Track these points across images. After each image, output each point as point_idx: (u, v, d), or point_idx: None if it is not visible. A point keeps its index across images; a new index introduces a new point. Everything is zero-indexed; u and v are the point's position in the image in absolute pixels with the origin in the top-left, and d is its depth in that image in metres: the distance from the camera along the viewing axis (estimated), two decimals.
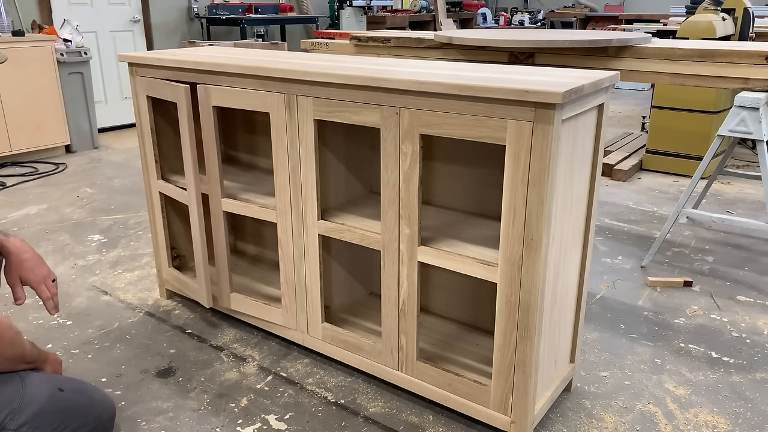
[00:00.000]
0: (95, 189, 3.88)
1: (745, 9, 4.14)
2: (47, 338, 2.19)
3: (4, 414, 1.35)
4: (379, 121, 1.59)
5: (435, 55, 2.80)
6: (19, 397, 1.39)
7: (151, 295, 2.51)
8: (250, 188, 2.15)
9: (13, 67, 4.24)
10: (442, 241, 1.68)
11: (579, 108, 1.45)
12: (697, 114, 4.02)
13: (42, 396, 1.43)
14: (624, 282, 2.63)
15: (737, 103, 2.44)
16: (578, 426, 1.75)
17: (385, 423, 1.76)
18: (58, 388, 1.48)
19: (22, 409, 1.38)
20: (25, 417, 1.38)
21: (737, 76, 2.21)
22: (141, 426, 1.75)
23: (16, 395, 1.39)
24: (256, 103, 1.84)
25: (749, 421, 1.78)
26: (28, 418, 1.38)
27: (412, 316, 1.70)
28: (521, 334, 1.51)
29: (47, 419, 1.41)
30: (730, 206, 3.57)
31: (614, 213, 3.45)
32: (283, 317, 2.04)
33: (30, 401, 1.40)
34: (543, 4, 10.09)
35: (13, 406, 1.37)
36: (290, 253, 1.93)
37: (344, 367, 2.01)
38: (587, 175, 1.64)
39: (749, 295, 2.52)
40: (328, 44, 3.22)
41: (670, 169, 4.21)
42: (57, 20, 5.00)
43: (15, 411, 1.37)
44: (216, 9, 6.14)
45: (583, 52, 2.46)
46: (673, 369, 2.02)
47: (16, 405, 1.38)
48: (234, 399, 1.87)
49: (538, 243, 1.41)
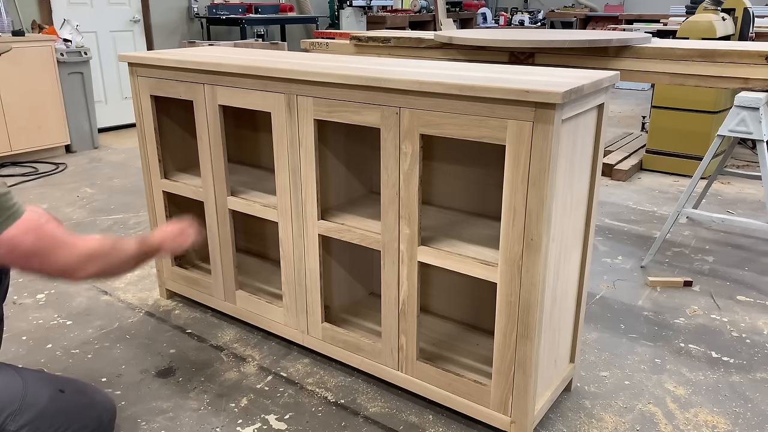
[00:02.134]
0: (95, 189, 3.88)
1: (745, 9, 4.14)
2: (47, 338, 2.20)
3: (5, 415, 1.35)
4: (379, 121, 1.59)
5: (435, 55, 2.80)
6: (19, 398, 1.39)
7: (151, 295, 2.51)
8: (249, 187, 2.16)
9: (13, 67, 4.24)
10: (442, 241, 1.68)
11: (579, 108, 1.45)
12: (697, 114, 4.02)
13: (43, 397, 1.42)
14: (624, 282, 2.63)
15: (737, 103, 2.44)
16: (578, 426, 1.75)
17: (385, 423, 1.76)
18: (59, 389, 1.48)
19: (23, 411, 1.38)
20: (25, 418, 1.37)
21: (737, 76, 2.21)
22: (141, 426, 1.75)
23: (16, 396, 1.39)
24: (257, 102, 1.84)
25: (749, 421, 1.78)
26: (28, 419, 1.38)
27: (412, 316, 1.70)
28: (521, 334, 1.51)
29: (48, 420, 1.40)
30: (730, 206, 3.57)
31: (614, 213, 3.45)
32: (284, 316, 2.04)
33: (31, 402, 1.40)
34: (543, 4, 10.09)
35: (13, 407, 1.37)
36: (290, 252, 1.93)
37: (344, 367, 2.02)
38: (587, 175, 1.64)
39: (749, 295, 2.52)
40: (328, 44, 3.22)
41: (670, 169, 4.21)
42: (57, 20, 4.99)
43: (15, 412, 1.36)
44: (216, 9, 6.14)
45: (583, 52, 2.46)
46: (673, 369, 2.02)
47: (17, 406, 1.37)
48: (234, 399, 1.87)
49: (538, 243, 1.41)
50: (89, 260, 1.35)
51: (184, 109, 2.31)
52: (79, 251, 1.34)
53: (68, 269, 1.33)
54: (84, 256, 1.35)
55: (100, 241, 1.39)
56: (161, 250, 1.59)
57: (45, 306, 2.43)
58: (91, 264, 1.36)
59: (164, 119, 2.26)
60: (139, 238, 1.53)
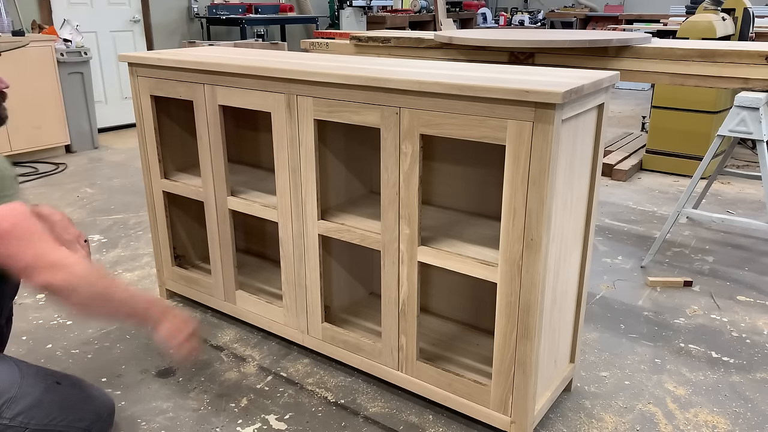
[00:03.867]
0: (95, 189, 3.88)
1: (745, 9, 4.14)
2: (47, 338, 2.20)
3: (1, 402, 1.37)
4: (379, 121, 1.59)
5: (435, 55, 2.80)
6: (16, 386, 1.41)
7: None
8: (249, 187, 2.16)
9: (13, 67, 4.24)
10: (442, 241, 1.68)
11: (579, 108, 1.45)
12: (697, 114, 4.02)
13: (38, 387, 1.44)
14: (624, 282, 2.63)
15: (737, 103, 2.44)
16: (578, 426, 1.75)
17: (385, 423, 1.76)
18: (56, 381, 1.49)
19: (18, 399, 1.39)
20: (20, 407, 1.39)
21: (737, 76, 2.21)
22: (141, 426, 1.75)
23: (13, 384, 1.41)
24: (257, 102, 1.84)
25: (749, 421, 1.78)
26: (23, 407, 1.39)
27: (412, 316, 1.70)
28: (521, 334, 1.51)
29: (43, 410, 1.42)
30: (730, 206, 3.57)
31: (614, 213, 3.45)
32: (284, 316, 2.04)
33: (26, 392, 1.41)
34: (543, 4, 10.09)
35: (9, 394, 1.38)
36: (290, 252, 1.93)
37: (344, 367, 2.02)
38: (587, 175, 1.64)
39: (749, 295, 2.52)
40: (328, 44, 3.22)
41: (670, 169, 4.21)
42: (57, 20, 4.99)
43: (11, 400, 1.38)
44: (216, 9, 6.14)
45: (583, 52, 2.46)
46: (673, 369, 2.02)
47: (13, 394, 1.39)
48: (234, 399, 1.87)
49: (538, 243, 1.41)
50: (60, 270, 1.31)
51: (184, 109, 2.32)
52: (53, 256, 1.31)
53: (32, 267, 1.29)
54: (56, 263, 1.31)
55: (88, 266, 1.36)
56: (160, 324, 1.51)
57: (45, 306, 2.43)
58: (60, 274, 1.31)
59: (164, 119, 2.26)
60: (153, 301, 1.50)
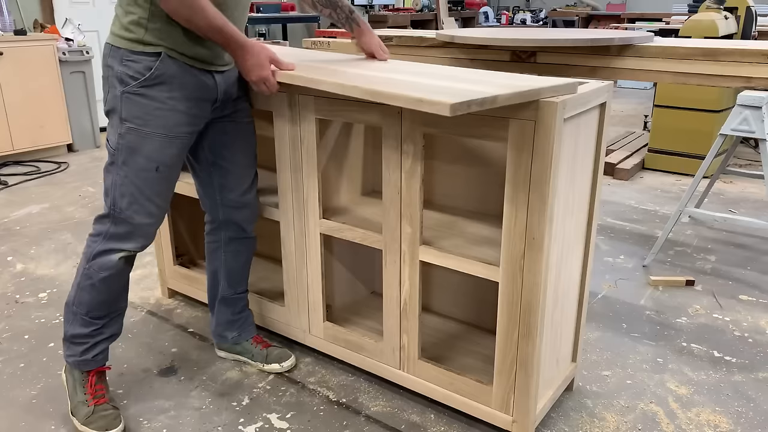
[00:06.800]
0: (97, 188, 3.88)
1: (748, 8, 4.13)
2: (49, 337, 2.20)
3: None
4: (381, 121, 1.59)
5: (437, 54, 2.79)
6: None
7: (153, 294, 2.51)
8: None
9: (15, 66, 4.24)
10: (443, 241, 1.68)
11: (581, 107, 1.45)
12: (700, 113, 4.02)
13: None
14: (626, 281, 2.62)
15: (740, 102, 2.43)
16: (580, 425, 1.75)
17: (387, 422, 1.76)
18: None
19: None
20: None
21: (740, 75, 2.20)
22: (143, 424, 1.75)
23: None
24: (259, 101, 1.84)
25: (751, 420, 1.77)
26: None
27: (414, 315, 1.70)
28: (523, 333, 1.50)
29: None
30: (733, 205, 3.56)
31: (616, 212, 3.44)
32: (286, 315, 2.04)
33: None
34: (545, 3, 10.07)
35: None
36: (292, 251, 1.93)
37: (346, 366, 2.02)
38: (589, 174, 1.64)
39: (752, 294, 2.52)
40: (330, 43, 3.22)
41: (673, 168, 4.20)
42: (59, 19, 5.00)
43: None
44: None
45: (586, 51, 2.45)
46: (675, 368, 2.01)
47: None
48: (236, 398, 1.87)
49: (539, 242, 1.41)
50: None
51: None
52: None
53: None
54: None
55: None
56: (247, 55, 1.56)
57: (47, 305, 2.43)
58: None
59: None
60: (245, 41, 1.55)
